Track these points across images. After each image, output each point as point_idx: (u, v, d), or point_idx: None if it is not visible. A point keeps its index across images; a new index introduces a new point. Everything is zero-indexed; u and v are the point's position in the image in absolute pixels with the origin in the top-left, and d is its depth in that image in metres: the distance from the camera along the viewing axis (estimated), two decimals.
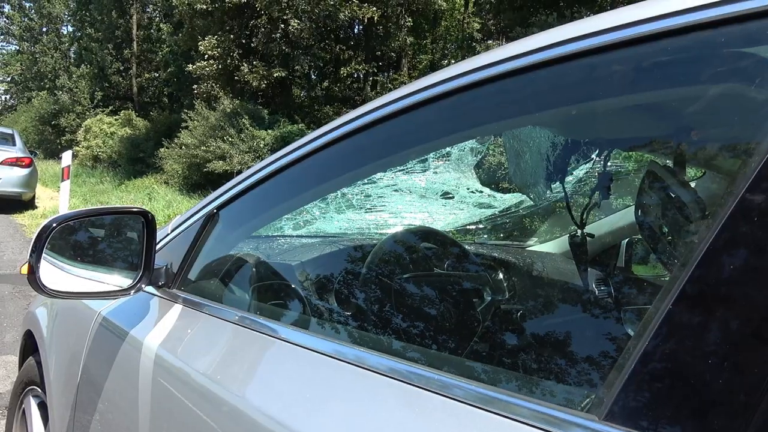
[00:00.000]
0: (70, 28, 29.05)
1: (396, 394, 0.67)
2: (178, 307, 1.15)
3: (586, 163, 1.42)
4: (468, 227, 1.90)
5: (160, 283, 1.22)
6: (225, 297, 1.23)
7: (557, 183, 1.34)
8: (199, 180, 14.13)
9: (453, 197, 1.79)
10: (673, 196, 0.99)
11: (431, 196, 1.75)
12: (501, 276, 1.53)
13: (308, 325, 1.13)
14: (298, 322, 1.15)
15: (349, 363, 0.74)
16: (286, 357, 0.85)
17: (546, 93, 0.81)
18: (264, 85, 14.60)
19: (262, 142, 13.05)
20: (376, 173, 1.54)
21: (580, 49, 0.69)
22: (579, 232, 1.44)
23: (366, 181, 1.63)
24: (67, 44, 28.48)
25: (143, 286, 1.17)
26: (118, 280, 1.21)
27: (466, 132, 1.01)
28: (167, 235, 1.34)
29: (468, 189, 1.75)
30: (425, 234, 1.44)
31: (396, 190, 1.74)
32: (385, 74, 17.68)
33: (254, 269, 1.32)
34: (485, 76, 0.79)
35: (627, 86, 0.71)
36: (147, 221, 1.18)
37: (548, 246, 1.87)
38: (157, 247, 1.30)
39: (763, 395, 0.40)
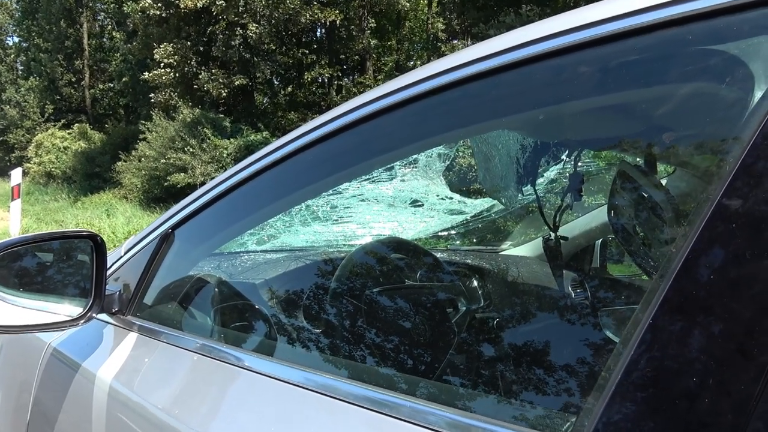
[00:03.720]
0: (16, 39, 28.21)
1: (367, 425, 0.64)
2: (133, 336, 1.10)
3: (556, 165, 1.42)
4: (440, 234, 1.88)
5: (113, 310, 1.17)
6: (184, 322, 1.18)
7: (528, 186, 1.34)
8: (160, 194, 13.89)
9: (422, 205, 1.78)
10: (646, 196, 0.99)
11: (400, 205, 1.74)
12: (475, 283, 1.52)
13: (274, 351, 1.10)
14: (264, 347, 1.11)
15: (318, 392, 0.71)
16: (251, 388, 0.81)
17: (514, 95, 0.80)
18: (225, 93, 14.44)
19: (225, 152, 12.92)
20: (342, 183, 1.52)
21: (546, 50, 0.68)
22: (552, 234, 1.44)
23: (331, 191, 1.60)
24: (13, 56, 27.62)
25: (94, 314, 1.11)
26: (68, 308, 1.15)
27: (434, 138, 1.00)
28: (120, 257, 1.28)
29: (437, 196, 1.74)
30: (395, 244, 1.42)
31: (363, 200, 1.72)
32: (350, 78, 17.70)
33: (216, 290, 1.28)
34: (450, 79, 0.78)
35: (595, 86, 0.70)
36: (96, 245, 1.12)
37: (522, 249, 1.87)
38: (110, 271, 1.25)
39: (755, 408, 0.38)
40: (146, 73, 15.15)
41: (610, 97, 0.74)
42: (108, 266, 1.22)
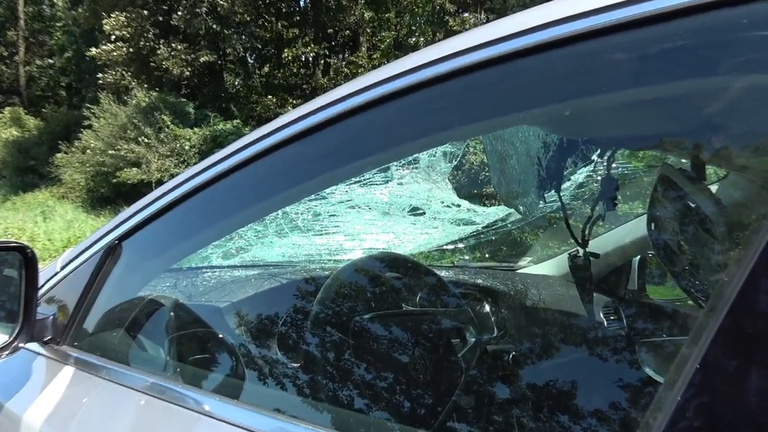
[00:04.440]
0: None
1: None
2: (69, 370, 1.09)
3: (585, 166, 1.42)
4: (445, 249, 1.88)
5: (45, 339, 1.16)
6: (132, 355, 1.17)
7: (552, 191, 1.34)
8: (108, 193, 13.91)
9: (424, 213, 1.78)
10: (692, 206, 1.00)
11: (397, 213, 1.74)
12: (488, 309, 1.52)
13: (241, 393, 1.09)
14: (229, 388, 1.10)
15: None
16: None
17: (535, 84, 0.80)
18: (188, 73, 14.46)
19: (187, 143, 12.94)
20: (327, 187, 1.52)
21: (575, 31, 0.68)
22: (580, 250, 1.44)
23: (314, 196, 1.60)
24: None
25: (22, 343, 1.11)
26: None
27: (438, 134, 0.99)
28: (56, 274, 1.28)
29: (442, 202, 1.74)
30: (391, 261, 1.42)
31: (352, 207, 1.72)
32: (340, 56, 17.76)
33: (172, 314, 1.27)
34: (459, 65, 0.78)
35: (633, 75, 0.70)
36: (26, 259, 1.12)
37: (544, 267, 1.88)
38: (43, 290, 1.25)
39: None
40: (93, 49, 15.15)
41: (651, 89, 0.73)
42: (40, 284, 1.21)
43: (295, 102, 16.42)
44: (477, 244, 1.91)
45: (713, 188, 1.20)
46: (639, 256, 1.70)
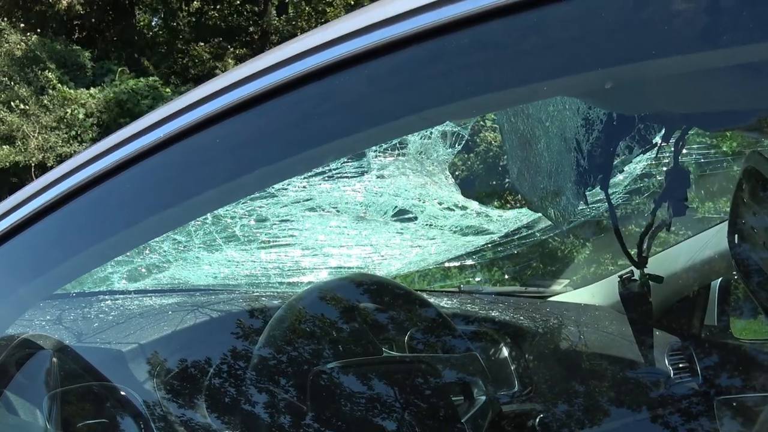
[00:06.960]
0: None
1: None
2: None
3: (644, 153, 1.44)
4: (445, 267, 1.88)
5: None
6: None
7: (596, 188, 1.36)
8: None
9: (416, 218, 1.77)
10: None
11: (376, 218, 1.73)
12: (506, 354, 1.53)
13: None
14: None
15: None
16: None
17: (574, 39, 0.81)
18: (81, 8, 14.40)
19: (82, 110, 12.87)
20: (277, 181, 1.52)
21: None
22: (636, 271, 1.45)
23: (258, 194, 1.60)
24: None
25: None
26: None
27: (433, 109, 1.00)
28: None
29: (441, 203, 1.74)
30: (368, 286, 1.43)
31: (312, 209, 1.72)
32: None
33: (54, 361, 1.28)
34: (462, 12, 0.79)
35: (714, 29, 0.72)
36: None
37: (586, 294, 1.89)
38: None
39: None
40: None
41: (737, 51, 0.75)
42: None
43: (237, 52, 16.41)
44: (491, 261, 1.91)
45: None
46: (720, 280, 1.72)
